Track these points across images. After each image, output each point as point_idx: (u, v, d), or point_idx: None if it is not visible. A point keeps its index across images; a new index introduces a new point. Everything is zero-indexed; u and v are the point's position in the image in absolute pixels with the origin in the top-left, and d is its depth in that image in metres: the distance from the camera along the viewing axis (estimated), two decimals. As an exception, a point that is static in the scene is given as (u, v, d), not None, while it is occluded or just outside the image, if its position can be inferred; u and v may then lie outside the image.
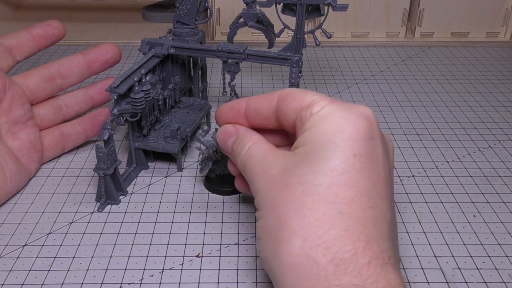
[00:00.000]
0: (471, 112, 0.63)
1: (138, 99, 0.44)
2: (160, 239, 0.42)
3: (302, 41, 0.51)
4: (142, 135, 0.49)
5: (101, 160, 0.43)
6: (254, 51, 0.50)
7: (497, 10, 0.83)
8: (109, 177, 0.44)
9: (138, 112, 0.45)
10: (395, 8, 0.82)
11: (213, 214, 0.45)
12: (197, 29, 0.54)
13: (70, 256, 0.40)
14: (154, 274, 0.38)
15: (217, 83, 0.69)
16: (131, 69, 0.46)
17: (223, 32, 0.83)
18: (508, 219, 0.45)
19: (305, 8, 0.50)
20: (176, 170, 0.50)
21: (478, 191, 0.48)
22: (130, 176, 0.49)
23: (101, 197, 0.45)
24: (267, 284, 0.37)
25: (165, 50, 0.50)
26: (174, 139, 0.49)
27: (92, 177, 0.49)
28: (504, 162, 0.53)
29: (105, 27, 0.87)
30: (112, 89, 0.44)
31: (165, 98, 0.51)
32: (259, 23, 0.54)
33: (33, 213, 0.44)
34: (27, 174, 0.48)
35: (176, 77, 0.53)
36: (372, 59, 0.78)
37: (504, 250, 0.41)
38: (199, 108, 0.55)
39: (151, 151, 0.51)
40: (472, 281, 0.38)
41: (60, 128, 0.52)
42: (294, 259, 0.26)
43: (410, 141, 0.56)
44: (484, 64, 0.77)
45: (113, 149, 0.44)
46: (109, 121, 0.44)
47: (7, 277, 0.38)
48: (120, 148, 0.54)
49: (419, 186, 0.49)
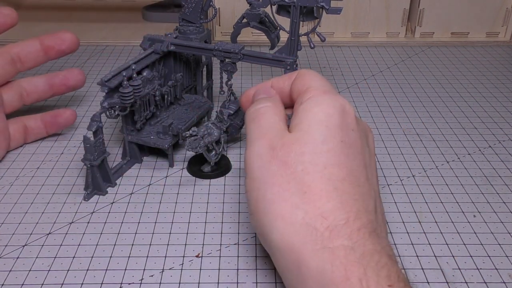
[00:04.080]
0: (471, 112, 0.63)
1: (127, 93, 0.45)
2: (160, 239, 0.42)
3: (297, 43, 0.52)
4: (136, 129, 0.50)
5: (88, 151, 0.44)
6: (250, 51, 0.50)
7: (497, 10, 0.83)
8: (97, 168, 0.45)
9: (126, 106, 0.46)
10: (395, 8, 0.82)
11: (213, 214, 0.45)
12: (202, 27, 0.55)
13: (70, 256, 0.40)
14: (154, 274, 0.38)
15: (218, 82, 0.69)
16: (125, 64, 0.47)
17: (223, 32, 0.83)
18: (508, 219, 0.45)
19: (299, 10, 0.50)
20: (176, 167, 0.50)
21: (478, 191, 0.48)
22: (122, 169, 0.50)
23: (88, 187, 0.46)
24: (267, 284, 0.37)
25: (165, 47, 0.51)
26: (166, 134, 0.49)
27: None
28: (504, 162, 0.53)
29: (105, 27, 0.87)
30: (103, 82, 0.44)
31: (163, 94, 0.51)
32: (261, 24, 0.54)
33: (33, 213, 0.44)
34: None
35: (177, 74, 0.53)
36: (372, 59, 0.78)
37: (504, 250, 0.41)
38: (198, 106, 0.55)
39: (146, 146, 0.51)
40: (472, 281, 0.38)
41: (23, 120, 0.53)
42: (297, 228, 0.30)
43: (410, 141, 0.56)
44: (484, 64, 0.77)
45: (101, 141, 0.45)
46: (98, 114, 0.45)
47: (7, 277, 0.38)
48: (118, 141, 0.54)
49: (419, 186, 0.49)
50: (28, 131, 0.53)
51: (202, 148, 0.46)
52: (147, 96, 0.49)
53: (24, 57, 0.52)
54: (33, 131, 0.53)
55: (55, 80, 0.54)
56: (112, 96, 0.45)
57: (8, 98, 0.52)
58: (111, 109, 0.45)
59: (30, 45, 0.53)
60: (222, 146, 0.49)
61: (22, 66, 0.53)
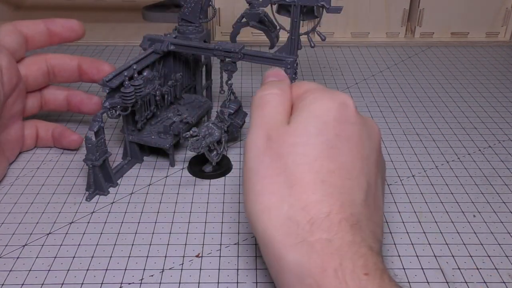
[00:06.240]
0: (471, 112, 0.63)
1: (128, 93, 0.45)
2: (160, 239, 0.42)
3: (297, 43, 0.52)
4: (137, 129, 0.50)
5: (90, 151, 0.44)
6: (250, 51, 0.50)
7: (497, 10, 0.83)
8: (98, 168, 0.45)
9: (128, 106, 0.46)
10: (395, 8, 0.82)
11: (213, 214, 0.45)
12: (201, 27, 0.55)
13: (70, 256, 0.40)
14: (154, 274, 0.38)
15: (218, 81, 0.69)
16: (126, 64, 0.47)
17: (223, 32, 0.83)
18: (508, 219, 0.45)
19: (299, 9, 0.50)
20: (176, 167, 0.50)
21: (478, 191, 0.48)
22: (123, 169, 0.50)
23: (90, 187, 0.46)
24: (267, 284, 0.37)
25: (165, 47, 0.51)
26: (167, 134, 0.49)
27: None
28: (504, 162, 0.53)
29: (105, 27, 0.87)
30: (104, 82, 0.44)
31: (163, 94, 0.51)
32: (261, 23, 0.54)
33: (33, 213, 0.44)
34: (6, 163, 0.49)
35: (177, 74, 0.53)
36: (372, 59, 0.78)
37: (504, 250, 0.41)
38: (198, 106, 0.55)
39: (147, 145, 0.51)
40: (472, 281, 0.38)
41: (37, 126, 0.53)
42: (280, 222, 0.30)
43: (410, 141, 0.56)
44: (484, 64, 0.77)
45: (102, 141, 0.45)
46: (100, 114, 0.45)
47: (7, 277, 0.38)
48: (118, 141, 0.54)
49: (419, 186, 0.49)
50: (39, 138, 0.53)
51: (204, 148, 0.46)
52: (148, 96, 0.49)
53: (58, 73, 0.53)
54: (42, 140, 0.53)
55: (73, 99, 0.54)
56: (114, 96, 0.45)
57: (29, 104, 0.52)
58: (113, 109, 0.45)
59: (68, 63, 0.52)
60: (223, 146, 0.49)
61: (54, 79, 0.53)
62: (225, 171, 0.50)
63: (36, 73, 0.51)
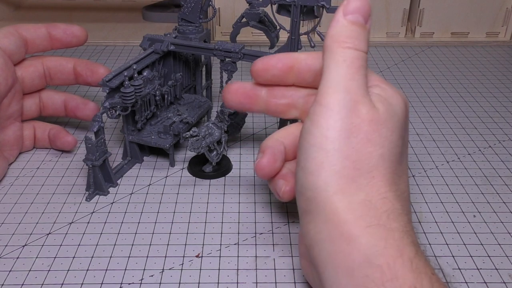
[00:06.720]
0: (471, 112, 0.63)
1: (128, 93, 0.45)
2: (160, 239, 0.42)
3: (297, 42, 0.51)
4: (137, 129, 0.50)
5: (90, 151, 0.44)
6: (250, 50, 0.50)
7: (497, 10, 0.83)
8: (98, 168, 0.45)
9: (128, 106, 0.46)
10: (395, 8, 0.82)
11: (213, 214, 0.45)
12: (201, 27, 0.55)
13: (70, 256, 0.40)
14: (154, 274, 0.38)
15: (218, 81, 0.69)
16: (126, 64, 0.47)
17: (223, 32, 0.83)
18: (508, 219, 0.45)
19: (299, 9, 0.50)
20: (176, 167, 0.50)
21: (478, 191, 0.48)
22: (123, 169, 0.50)
23: (89, 187, 0.46)
24: (267, 284, 0.37)
25: (165, 47, 0.51)
26: (167, 134, 0.49)
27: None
28: (504, 162, 0.53)
29: (105, 27, 0.87)
30: (104, 82, 0.44)
31: (163, 94, 0.51)
32: (261, 23, 0.54)
33: (33, 213, 0.44)
34: (6, 163, 0.49)
35: (177, 74, 0.53)
36: (372, 59, 0.78)
37: (504, 250, 0.41)
38: (198, 106, 0.55)
39: (147, 145, 0.51)
40: (472, 281, 0.38)
41: (34, 126, 0.53)
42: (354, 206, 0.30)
43: (410, 141, 0.56)
44: (484, 64, 0.77)
45: (102, 141, 0.45)
46: (100, 114, 0.45)
47: (7, 277, 0.38)
48: (118, 141, 0.54)
49: (419, 186, 0.49)
50: (36, 139, 0.53)
51: (204, 148, 0.46)
52: (148, 96, 0.49)
53: (54, 75, 0.52)
54: (39, 141, 0.53)
55: (70, 103, 0.53)
56: (113, 96, 0.45)
57: (27, 107, 0.52)
58: (112, 109, 0.45)
59: (64, 65, 0.52)
60: (223, 146, 0.49)
61: (51, 81, 0.53)
62: (225, 171, 0.50)
63: (32, 75, 0.51)
